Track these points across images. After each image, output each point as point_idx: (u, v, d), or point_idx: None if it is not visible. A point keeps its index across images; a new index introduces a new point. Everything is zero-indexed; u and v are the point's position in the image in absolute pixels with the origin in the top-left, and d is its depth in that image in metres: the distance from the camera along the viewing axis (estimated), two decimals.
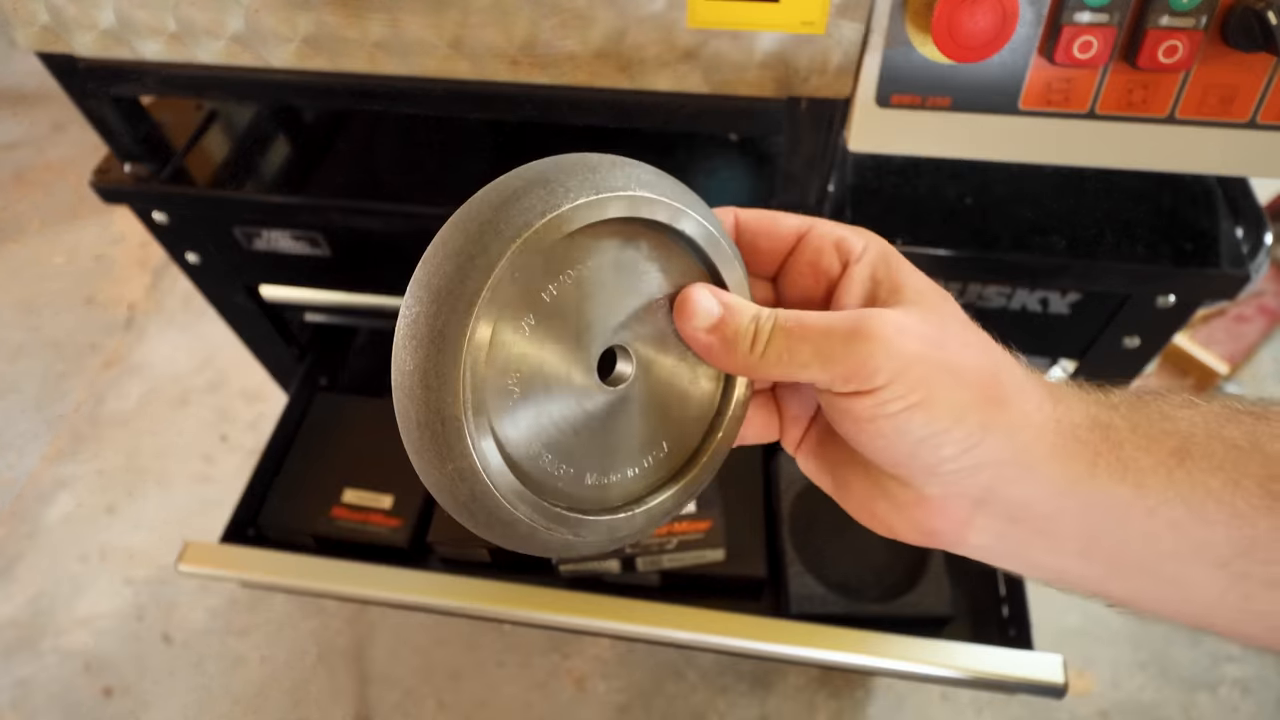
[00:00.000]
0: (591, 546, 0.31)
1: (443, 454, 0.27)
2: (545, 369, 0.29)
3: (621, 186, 0.30)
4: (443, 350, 0.26)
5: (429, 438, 0.27)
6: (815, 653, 0.67)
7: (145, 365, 1.52)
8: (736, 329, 0.29)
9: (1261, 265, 0.60)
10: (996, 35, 0.42)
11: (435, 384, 0.27)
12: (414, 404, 0.27)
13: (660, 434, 0.32)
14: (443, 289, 0.27)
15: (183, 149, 0.70)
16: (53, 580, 1.27)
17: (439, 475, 0.28)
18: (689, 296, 0.31)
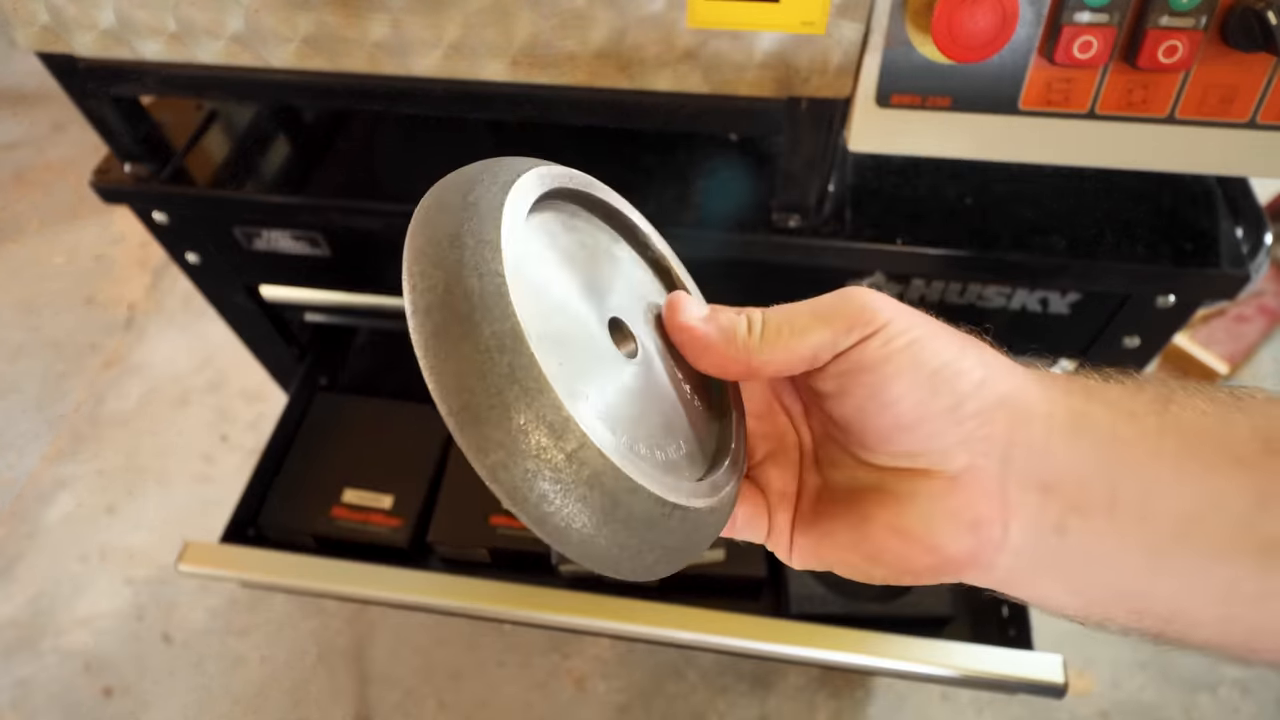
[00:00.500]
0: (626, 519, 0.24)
1: (478, 316, 0.22)
2: (564, 293, 0.27)
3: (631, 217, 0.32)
4: (479, 212, 0.24)
5: (462, 297, 0.22)
6: (815, 653, 0.67)
7: (145, 365, 1.52)
8: (731, 319, 0.29)
9: (1261, 265, 0.60)
10: (996, 35, 0.42)
11: (472, 242, 0.23)
12: (444, 267, 0.23)
13: (679, 432, 0.29)
14: (471, 173, 0.26)
15: (183, 149, 0.70)
16: (53, 580, 1.27)
17: (471, 349, 0.22)
18: (680, 296, 0.30)
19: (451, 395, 0.22)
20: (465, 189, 0.25)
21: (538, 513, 0.23)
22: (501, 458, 0.22)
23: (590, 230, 0.31)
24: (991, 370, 0.27)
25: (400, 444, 0.88)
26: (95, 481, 1.37)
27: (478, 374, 0.22)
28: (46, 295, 1.63)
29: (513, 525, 0.82)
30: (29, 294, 1.63)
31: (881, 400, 0.27)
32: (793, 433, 0.33)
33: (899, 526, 0.28)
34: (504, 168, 0.26)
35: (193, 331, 1.56)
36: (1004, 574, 0.28)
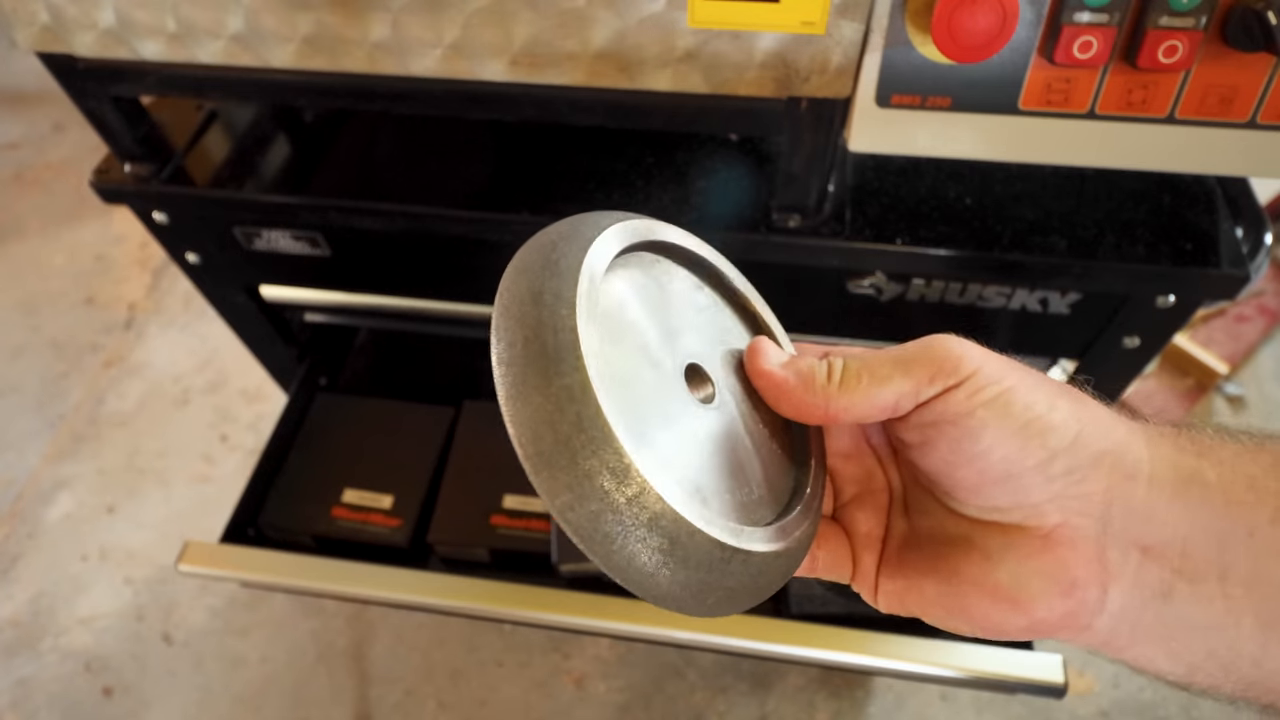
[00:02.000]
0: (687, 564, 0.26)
1: (551, 369, 0.24)
2: (640, 342, 0.28)
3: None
4: (558, 272, 0.26)
5: (537, 351, 0.24)
6: (815, 653, 0.67)
7: (145, 365, 1.52)
8: (811, 364, 0.29)
9: (1261, 265, 0.60)
10: (996, 35, 0.42)
11: (550, 300, 0.25)
12: (523, 324, 0.25)
13: (752, 477, 0.30)
14: (553, 235, 0.27)
15: (183, 149, 0.70)
16: (53, 580, 1.27)
17: (543, 399, 0.24)
18: (760, 342, 0.31)
19: (526, 441, 0.24)
20: (549, 249, 0.27)
21: (603, 551, 0.24)
22: (569, 500, 0.24)
23: (673, 277, 0.32)
24: (1087, 425, 0.26)
25: (400, 444, 0.88)
26: (95, 481, 1.37)
27: (548, 422, 0.24)
28: (46, 295, 1.63)
29: (513, 525, 0.82)
30: (29, 294, 1.63)
31: (966, 453, 0.26)
32: (881, 475, 0.33)
33: (989, 584, 0.27)
34: (587, 225, 0.28)
35: (193, 331, 1.56)
36: (1104, 636, 0.27)
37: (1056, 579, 0.26)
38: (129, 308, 1.61)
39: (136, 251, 1.69)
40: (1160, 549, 0.26)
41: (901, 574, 0.30)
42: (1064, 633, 0.27)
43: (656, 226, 0.31)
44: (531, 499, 0.83)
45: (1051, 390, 0.27)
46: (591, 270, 0.26)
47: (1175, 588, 0.26)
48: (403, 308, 0.84)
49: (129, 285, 1.64)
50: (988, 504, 0.27)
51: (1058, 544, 0.26)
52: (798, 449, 0.32)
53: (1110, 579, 0.26)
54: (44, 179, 1.84)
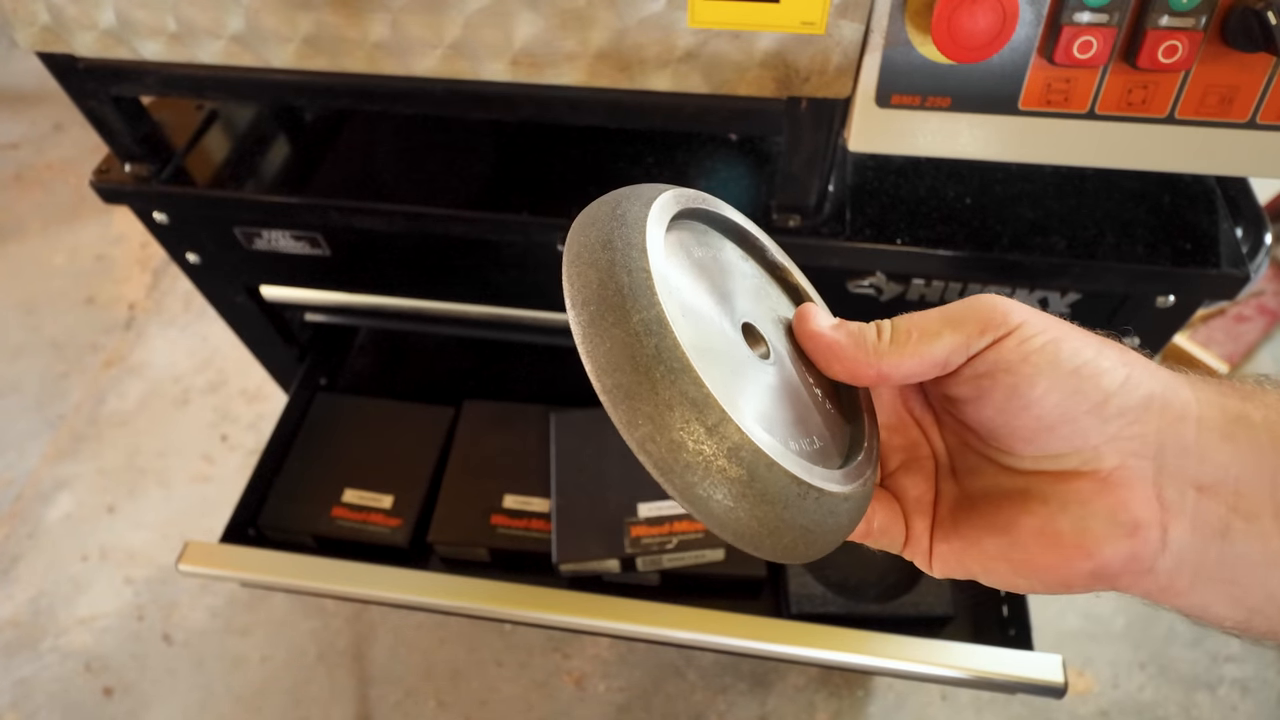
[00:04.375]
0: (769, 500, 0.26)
1: (629, 304, 0.25)
2: (698, 299, 0.29)
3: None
4: (625, 221, 0.27)
5: (614, 290, 0.25)
6: (815, 653, 0.67)
7: (145, 365, 1.52)
8: (860, 325, 0.29)
9: (1261, 265, 0.60)
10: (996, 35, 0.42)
11: (621, 245, 0.26)
12: (596, 267, 0.26)
13: (813, 429, 0.30)
14: (614, 198, 0.29)
15: (183, 149, 0.70)
16: (53, 580, 1.27)
17: (623, 334, 0.25)
18: (810, 306, 0.31)
19: (605, 374, 0.25)
20: (614, 205, 0.28)
21: (682, 483, 0.24)
22: (649, 431, 0.24)
23: (720, 246, 0.33)
24: (1135, 369, 0.27)
25: (400, 444, 0.88)
26: (95, 481, 1.37)
27: (628, 355, 0.24)
28: (46, 295, 1.63)
29: (513, 525, 0.82)
30: (29, 294, 1.63)
31: (1022, 401, 0.27)
32: (925, 444, 0.33)
33: (1050, 532, 0.27)
34: (645, 190, 0.29)
35: (193, 331, 1.56)
36: (1164, 580, 0.27)
37: (1119, 520, 0.26)
38: (129, 308, 1.61)
39: (136, 251, 1.69)
40: (1215, 487, 0.26)
41: (957, 534, 0.30)
42: (1127, 578, 0.27)
43: (707, 197, 0.32)
44: (531, 499, 0.83)
45: (1095, 340, 0.27)
46: (655, 223, 0.27)
47: (1232, 525, 0.26)
48: (403, 308, 0.84)
49: (129, 285, 1.64)
50: (1044, 451, 0.27)
51: (1117, 485, 0.26)
52: (849, 410, 0.32)
53: (1170, 518, 0.26)
54: (44, 179, 1.84)
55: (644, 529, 0.78)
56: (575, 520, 0.79)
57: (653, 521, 0.78)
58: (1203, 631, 1.17)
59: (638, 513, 0.79)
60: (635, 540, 0.77)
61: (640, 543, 0.77)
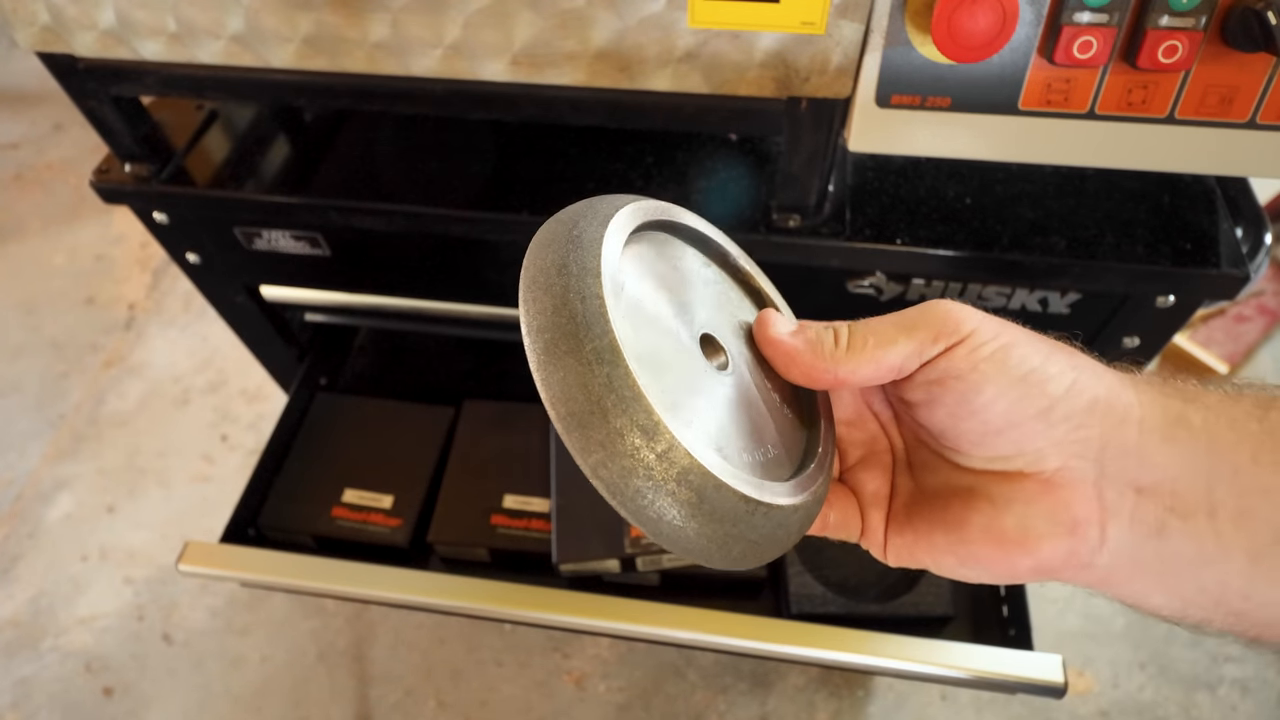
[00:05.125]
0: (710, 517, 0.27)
1: (581, 334, 0.25)
2: (655, 312, 0.29)
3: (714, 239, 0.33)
4: (581, 244, 0.27)
5: (566, 318, 0.26)
6: (815, 653, 0.67)
7: (145, 365, 1.52)
8: (818, 331, 0.30)
9: (1261, 265, 0.60)
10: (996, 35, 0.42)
11: (575, 270, 0.26)
12: (551, 293, 0.26)
13: (768, 438, 0.31)
14: (573, 213, 0.28)
15: (183, 149, 0.70)
16: (53, 580, 1.27)
17: (575, 363, 0.25)
18: (769, 313, 0.32)
19: (559, 402, 0.25)
20: (570, 224, 0.28)
21: (634, 506, 0.25)
22: (601, 458, 0.25)
23: (683, 255, 0.33)
24: (1082, 374, 0.28)
25: (400, 444, 0.88)
26: (95, 481, 1.37)
27: (580, 384, 0.25)
28: (46, 295, 1.63)
29: (513, 525, 0.82)
30: (29, 294, 1.63)
31: (971, 406, 0.28)
32: (884, 438, 0.34)
33: (995, 529, 0.28)
34: (604, 205, 0.29)
35: (193, 331, 1.56)
36: (1102, 574, 0.28)
37: (1060, 519, 0.27)
38: (129, 308, 1.61)
39: (136, 251, 1.69)
40: (1153, 488, 0.27)
41: (910, 528, 0.31)
42: (1067, 572, 0.28)
43: (667, 207, 0.32)
44: (531, 499, 0.83)
45: (1045, 344, 0.29)
46: (611, 243, 0.28)
47: (1168, 524, 0.27)
48: (403, 308, 0.84)
49: (129, 285, 1.64)
50: (991, 454, 0.28)
51: (1059, 486, 0.27)
52: (807, 414, 0.33)
53: (1109, 517, 0.27)
54: (44, 179, 1.84)
55: None
56: (575, 520, 0.79)
57: None
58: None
59: None
60: (635, 540, 0.77)
61: (640, 543, 0.77)
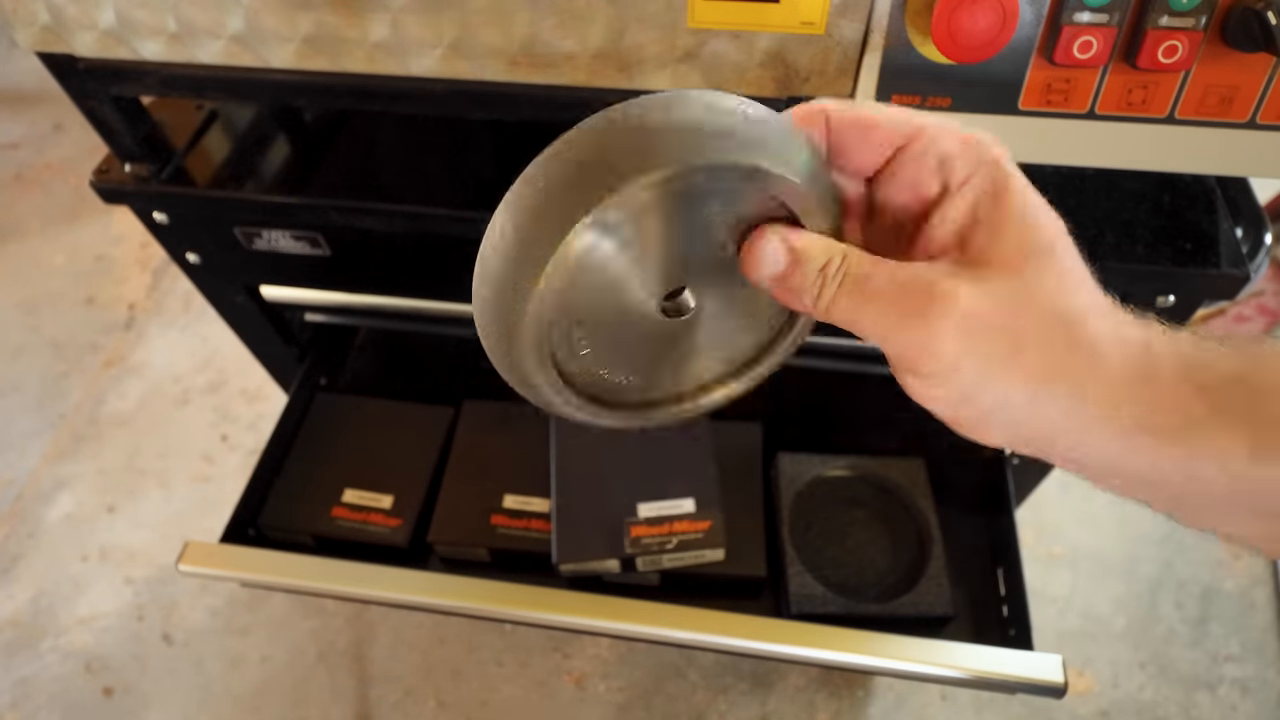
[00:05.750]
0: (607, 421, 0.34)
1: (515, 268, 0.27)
2: (615, 288, 0.30)
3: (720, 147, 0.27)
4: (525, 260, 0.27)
5: (509, 277, 0.28)
6: (815, 653, 0.67)
7: (145, 365, 1.52)
8: (801, 282, 0.29)
9: (1261, 265, 0.60)
10: (996, 35, 0.42)
11: (511, 296, 0.28)
12: (488, 313, 0.29)
13: (717, 355, 0.34)
14: (554, 192, 0.27)
15: (183, 149, 0.70)
16: (53, 580, 1.27)
17: (499, 292, 0.28)
18: (757, 243, 0.29)
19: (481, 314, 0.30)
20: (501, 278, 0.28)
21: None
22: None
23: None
24: (1042, 410, 0.27)
25: (400, 444, 0.88)
26: (95, 481, 1.37)
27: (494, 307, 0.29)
28: (46, 295, 1.63)
29: (513, 525, 0.82)
30: (29, 294, 1.63)
31: None
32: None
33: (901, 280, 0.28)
34: (553, 207, 0.27)
35: (193, 331, 1.56)
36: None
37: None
38: (129, 308, 1.61)
39: (136, 251, 1.69)
40: None
41: None
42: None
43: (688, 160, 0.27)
44: (531, 499, 0.83)
45: (1018, 400, 0.27)
46: (564, 259, 0.27)
47: (1004, 356, 0.27)
48: (403, 308, 0.84)
49: (129, 285, 1.64)
50: None
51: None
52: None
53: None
54: (44, 179, 1.84)
55: (644, 529, 0.78)
56: (575, 520, 0.79)
57: (653, 521, 0.78)
58: (1203, 631, 1.17)
59: (638, 513, 0.79)
60: (635, 540, 0.77)
61: (640, 543, 0.77)
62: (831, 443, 0.86)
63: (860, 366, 0.85)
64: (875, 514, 0.83)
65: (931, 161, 0.28)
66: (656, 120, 0.26)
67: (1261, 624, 1.18)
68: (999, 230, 0.27)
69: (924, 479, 0.83)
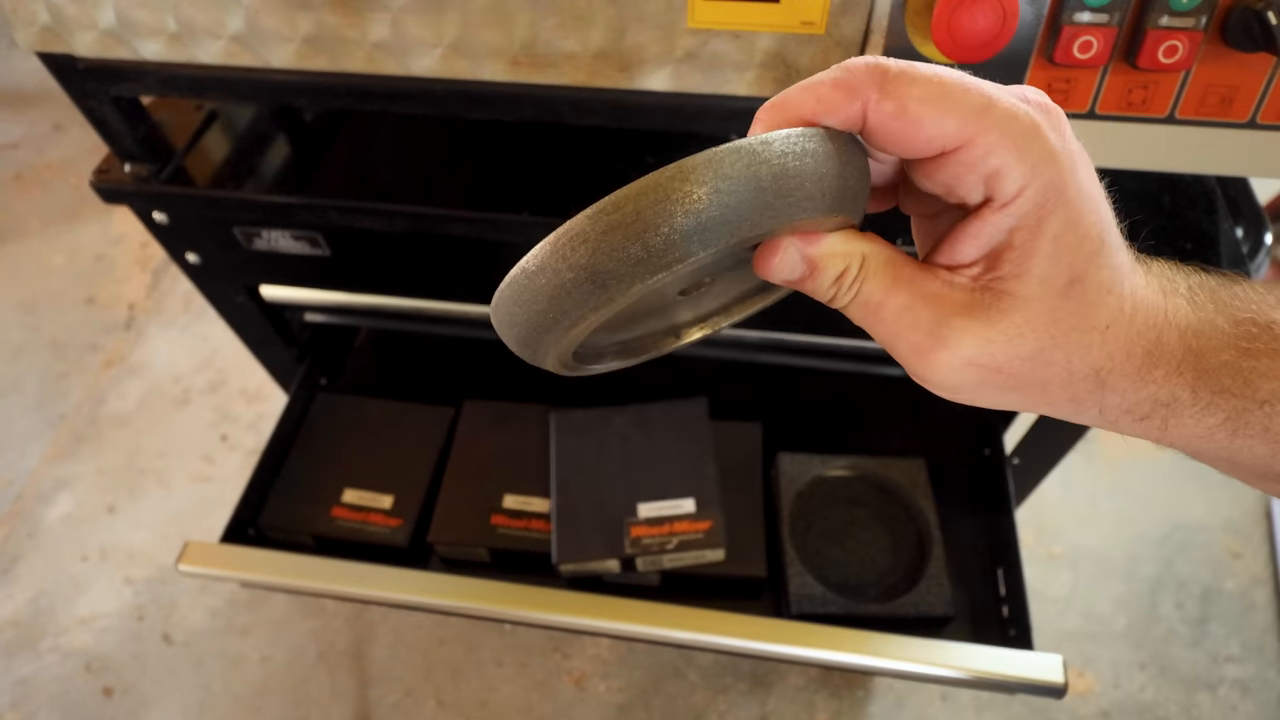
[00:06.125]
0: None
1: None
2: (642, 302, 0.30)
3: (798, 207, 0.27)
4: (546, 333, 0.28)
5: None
6: (815, 653, 0.67)
7: (145, 365, 1.52)
8: (816, 289, 0.29)
9: (1261, 265, 0.60)
10: (996, 35, 0.42)
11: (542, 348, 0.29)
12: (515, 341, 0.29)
13: (716, 301, 0.35)
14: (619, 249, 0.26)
15: (183, 149, 0.70)
16: (53, 580, 1.27)
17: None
18: (774, 250, 0.28)
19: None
20: (538, 316, 0.27)
21: None
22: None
23: None
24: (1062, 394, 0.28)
25: (400, 444, 0.88)
26: (95, 481, 1.37)
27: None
28: (46, 295, 1.63)
29: (513, 525, 0.82)
30: (29, 294, 1.63)
31: None
32: None
33: (911, 317, 0.28)
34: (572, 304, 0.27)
35: (193, 331, 1.56)
36: None
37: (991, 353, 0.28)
38: (129, 308, 1.61)
39: (136, 251, 1.69)
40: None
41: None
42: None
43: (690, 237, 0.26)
44: (532, 499, 0.83)
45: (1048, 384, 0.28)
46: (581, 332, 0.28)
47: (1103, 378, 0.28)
48: (403, 308, 0.84)
49: (129, 285, 1.64)
50: None
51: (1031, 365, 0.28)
52: None
53: None
54: (44, 179, 1.84)
55: (644, 529, 0.78)
56: (575, 520, 0.79)
57: (653, 522, 0.78)
58: (1203, 632, 1.17)
59: (638, 513, 0.79)
60: (635, 540, 0.77)
61: (640, 543, 0.77)
62: (831, 443, 0.86)
63: (860, 367, 0.85)
64: (875, 514, 0.83)
65: (981, 172, 0.25)
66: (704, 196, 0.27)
67: (1262, 624, 1.18)
68: (1027, 264, 0.26)
69: (924, 479, 0.83)
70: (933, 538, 0.79)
